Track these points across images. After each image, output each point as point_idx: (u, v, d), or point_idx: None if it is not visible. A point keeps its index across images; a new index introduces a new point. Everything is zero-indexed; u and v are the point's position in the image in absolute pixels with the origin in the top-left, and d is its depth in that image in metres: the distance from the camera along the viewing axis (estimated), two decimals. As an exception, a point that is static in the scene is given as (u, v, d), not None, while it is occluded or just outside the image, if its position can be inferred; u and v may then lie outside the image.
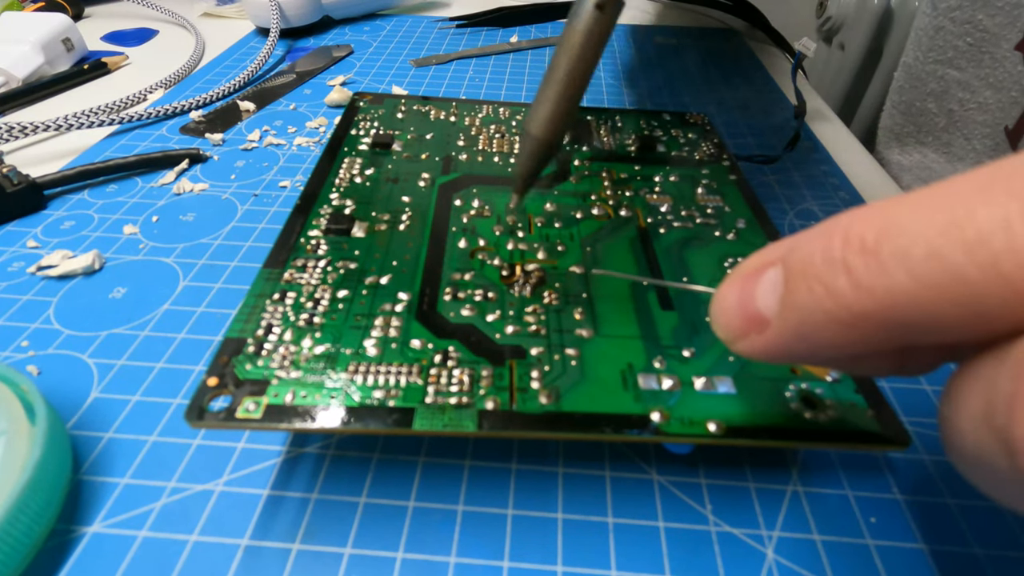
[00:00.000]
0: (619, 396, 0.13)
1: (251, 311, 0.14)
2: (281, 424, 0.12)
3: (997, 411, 0.07)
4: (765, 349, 0.09)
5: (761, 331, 0.09)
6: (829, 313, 0.08)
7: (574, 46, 0.14)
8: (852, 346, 0.08)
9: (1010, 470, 0.07)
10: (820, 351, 0.09)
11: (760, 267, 0.09)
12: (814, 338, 0.08)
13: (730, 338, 0.10)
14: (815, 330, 0.08)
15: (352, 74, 0.34)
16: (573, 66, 0.14)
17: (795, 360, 0.10)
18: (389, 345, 0.14)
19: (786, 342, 0.09)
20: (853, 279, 0.08)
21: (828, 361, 0.09)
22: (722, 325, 0.10)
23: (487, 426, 0.12)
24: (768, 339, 0.09)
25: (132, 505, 0.14)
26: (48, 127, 0.27)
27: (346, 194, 0.19)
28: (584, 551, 0.13)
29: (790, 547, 0.13)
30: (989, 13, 0.30)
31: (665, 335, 0.15)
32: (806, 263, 0.08)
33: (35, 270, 0.20)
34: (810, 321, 0.08)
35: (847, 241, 0.08)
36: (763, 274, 0.09)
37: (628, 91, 0.33)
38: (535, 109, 0.15)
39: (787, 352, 0.09)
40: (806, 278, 0.08)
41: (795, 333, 0.09)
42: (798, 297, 0.08)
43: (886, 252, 0.07)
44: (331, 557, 0.13)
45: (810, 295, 0.08)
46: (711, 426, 0.13)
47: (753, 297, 0.09)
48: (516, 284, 0.16)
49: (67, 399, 0.16)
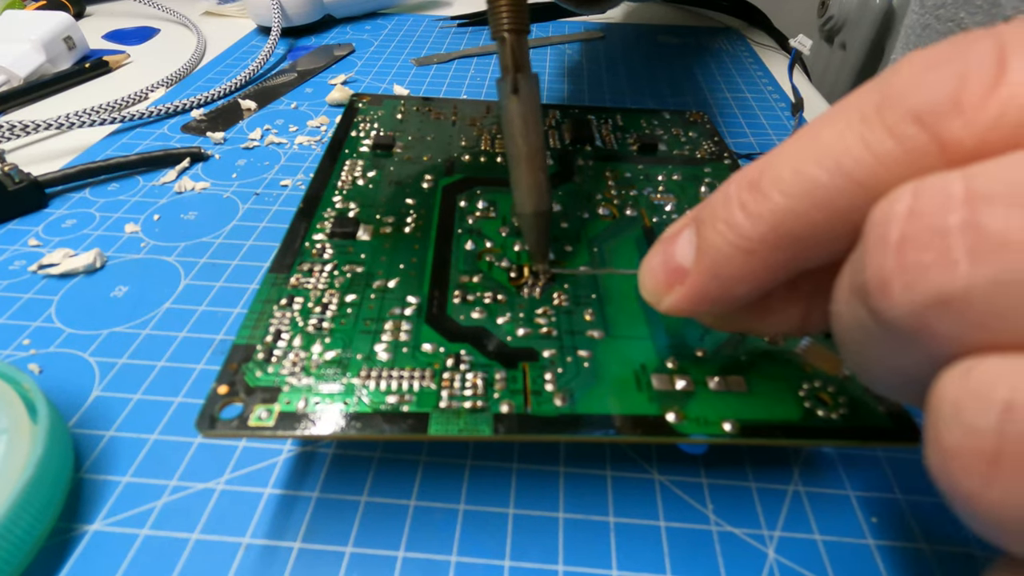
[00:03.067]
0: (633, 397, 0.13)
1: (259, 317, 0.14)
2: (295, 432, 0.12)
3: (855, 275, 0.08)
4: (687, 296, 0.11)
5: (682, 281, 0.11)
6: (732, 244, 0.10)
7: (519, 128, 0.16)
8: (757, 275, 0.10)
9: (873, 321, 0.08)
10: (733, 287, 0.10)
11: (677, 231, 0.11)
12: (725, 273, 0.10)
13: (656, 295, 0.11)
14: (724, 264, 0.10)
15: (353, 73, 0.34)
16: (529, 144, 0.16)
17: (714, 304, 0.11)
18: (400, 349, 0.14)
19: (703, 283, 0.10)
20: (746, 210, 0.09)
21: (744, 304, 0.11)
22: (649, 286, 0.12)
23: (503, 430, 0.12)
24: (688, 286, 0.11)
25: (133, 503, 0.14)
26: (50, 125, 0.27)
27: (349, 197, 0.19)
28: (585, 550, 0.13)
29: (791, 547, 0.13)
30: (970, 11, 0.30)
31: (676, 335, 0.15)
32: (710, 211, 0.10)
33: (36, 268, 0.20)
34: (719, 257, 0.10)
35: (739, 185, 0.10)
36: (681, 234, 0.11)
37: (629, 90, 0.33)
38: (518, 192, 0.16)
39: (705, 295, 0.10)
40: (712, 221, 0.10)
41: (709, 272, 0.10)
42: (707, 239, 0.10)
43: (765, 182, 0.09)
44: (332, 556, 0.13)
45: (716, 234, 0.10)
46: (726, 426, 0.13)
47: (673, 255, 0.11)
48: (525, 286, 0.16)
49: (68, 397, 0.16)
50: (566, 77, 0.34)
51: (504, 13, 0.16)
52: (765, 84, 0.35)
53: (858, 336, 0.09)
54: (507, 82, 0.16)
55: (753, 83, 0.35)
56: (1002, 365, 0.07)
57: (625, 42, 0.39)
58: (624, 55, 0.37)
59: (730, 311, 0.11)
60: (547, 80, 0.34)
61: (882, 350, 0.08)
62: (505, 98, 0.16)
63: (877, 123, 0.08)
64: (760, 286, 0.10)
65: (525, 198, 0.16)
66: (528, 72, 0.16)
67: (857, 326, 0.08)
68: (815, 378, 0.14)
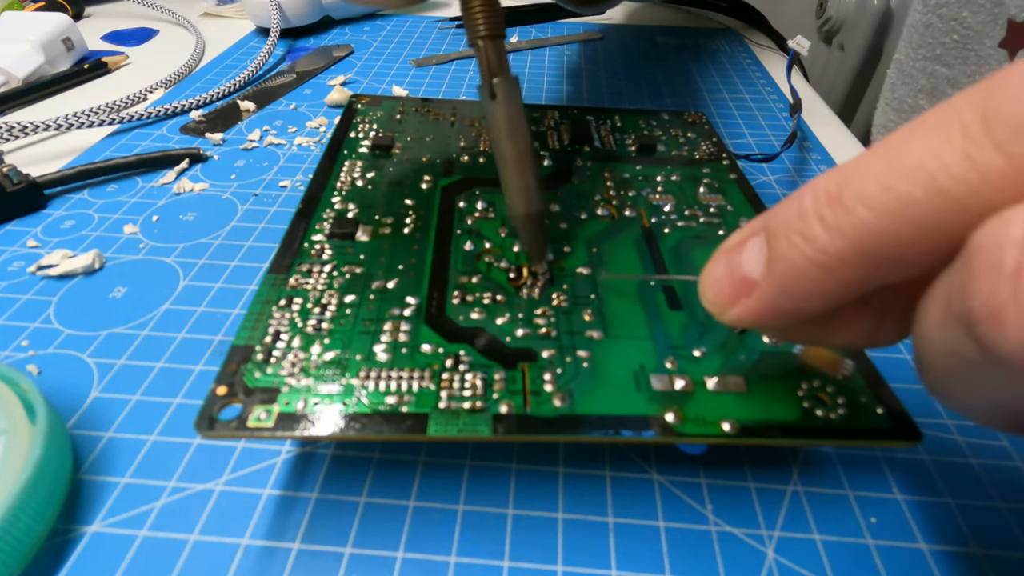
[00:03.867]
0: (632, 397, 0.13)
1: (258, 318, 0.14)
2: (294, 432, 0.12)
3: (955, 300, 0.08)
4: (755, 309, 0.10)
5: (749, 294, 0.10)
6: (809, 258, 0.09)
7: (504, 132, 0.16)
8: (831, 291, 0.09)
9: (976, 351, 0.08)
10: (804, 302, 0.10)
11: (743, 239, 0.11)
12: (798, 288, 0.09)
13: (721, 307, 0.11)
14: (798, 279, 0.09)
15: (352, 74, 0.34)
16: (515, 146, 0.16)
17: (783, 318, 0.10)
18: (399, 350, 0.14)
19: (773, 298, 0.10)
20: (825, 224, 0.09)
21: (812, 317, 0.10)
22: (712, 297, 0.11)
23: (502, 430, 0.12)
24: (756, 299, 0.10)
25: (132, 504, 0.14)
26: (48, 127, 0.27)
27: (348, 197, 0.19)
28: (584, 551, 0.13)
29: (790, 547, 0.13)
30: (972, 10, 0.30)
31: (675, 335, 0.15)
32: (784, 222, 0.10)
33: (35, 269, 0.20)
34: (793, 272, 0.09)
35: (815, 197, 0.09)
36: (747, 244, 0.10)
37: (628, 91, 0.33)
38: (510, 195, 0.16)
39: (774, 309, 0.10)
40: (786, 234, 0.09)
41: (780, 287, 0.10)
42: (780, 252, 0.10)
43: (848, 196, 0.09)
44: (331, 556, 0.13)
45: (791, 247, 0.09)
46: (725, 426, 0.13)
47: (740, 264, 0.10)
48: (524, 286, 0.16)
49: (67, 398, 0.16)
50: (565, 78, 0.34)
51: (479, 19, 0.16)
52: (763, 85, 0.35)
53: (953, 363, 0.08)
54: (486, 88, 0.16)
55: (751, 84, 0.35)
56: None
57: (624, 43, 0.39)
58: (623, 56, 0.37)
59: (797, 325, 0.11)
60: (546, 81, 0.34)
61: (981, 379, 0.08)
62: (486, 104, 0.16)
63: (983, 138, 0.07)
64: (833, 303, 0.09)
65: (516, 201, 0.16)
66: (507, 76, 0.16)
67: (954, 353, 0.08)
68: (814, 378, 0.14)
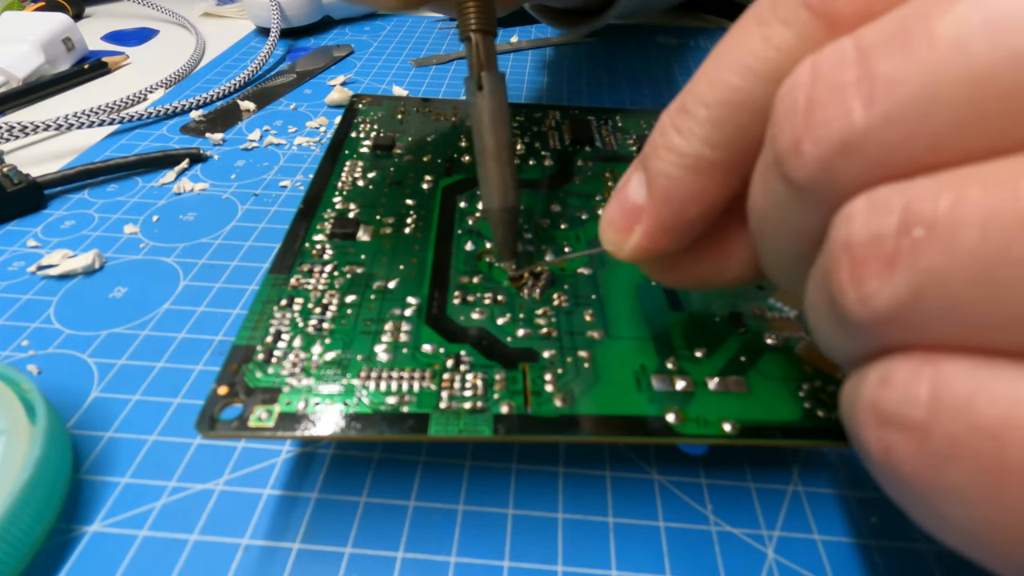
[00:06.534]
0: (633, 398, 0.13)
1: (259, 318, 0.14)
2: (295, 432, 0.12)
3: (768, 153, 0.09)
4: (646, 232, 0.11)
5: (640, 219, 0.11)
6: (676, 164, 0.10)
7: (486, 125, 0.16)
8: (704, 192, 0.10)
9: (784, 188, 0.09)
10: (685, 209, 0.11)
11: (626, 178, 0.12)
12: (676, 195, 0.10)
13: (618, 243, 0.12)
14: (674, 187, 0.10)
15: (352, 74, 0.34)
16: (496, 139, 0.16)
17: (671, 235, 0.11)
18: (400, 350, 0.14)
19: (659, 213, 0.11)
20: (679, 130, 0.10)
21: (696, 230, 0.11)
22: (610, 236, 0.12)
23: (503, 430, 0.12)
24: (645, 221, 0.11)
25: (132, 504, 0.14)
26: (48, 127, 0.27)
27: (349, 197, 0.19)
28: (584, 551, 0.13)
29: (791, 547, 0.13)
30: None
31: (676, 336, 0.15)
32: (651, 145, 0.11)
33: (35, 269, 0.20)
34: (668, 181, 0.10)
35: (669, 113, 0.11)
36: (630, 179, 0.12)
37: (629, 91, 0.33)
38: (486, 187, 0.16)
39: (661, 226, 0.11)
40: (654, 151, 0.11)
41: (662, 199, 0.11)
42: (653, 168, 0.11)
43: (689, 102, 0.10)
44: (332, 556, 0.13)
45: (660, 161, 0.10)
46: (726, 426, 0.13)
47: (627, 197, 0.11)
48: (525, 287, 0.16)
49: (67, 398, 0.16)
50: (566, 78, 0.34)
51: (471, 15, 0.17)
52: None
53: (770, 211, 0.09)
54: (473, 80, 0.16)
55: (752, 84, 0.35)
56: (895, 188, 0.07)
57: (624, 43, 0.39)
58: (624, 56, 0.37)
59: (686, 246, 0.11)
60: (545, 81, 0.34)
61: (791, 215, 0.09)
62: (472, 95, 0.16)
63: (772, 19, 0.09)
64: (711, 204, 0.11)
65: (492, 194, 0.16)
66: (494, 71, 0.17)
67: (771, 200, 0.09)
68: (815, 378, 0.14)
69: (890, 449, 0.08)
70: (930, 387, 0.07)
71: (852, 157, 0.08)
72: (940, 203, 0.07)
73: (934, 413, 0.07)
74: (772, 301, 0.16)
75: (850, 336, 0.08)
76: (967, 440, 0.07)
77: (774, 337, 0.15)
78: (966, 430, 0.07)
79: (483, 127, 0.16)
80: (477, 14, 0.17)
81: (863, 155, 0.08)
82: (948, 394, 0.07)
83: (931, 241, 0.07)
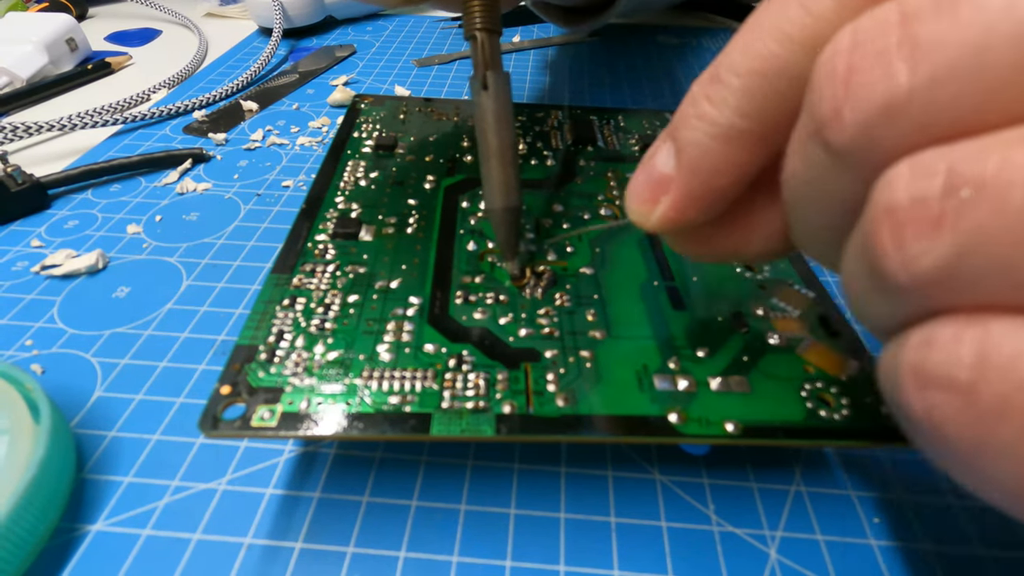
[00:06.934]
0: (636, 397, 0.13)
1: (261, 317, 0.14)
2: (297, 432, 0.12)
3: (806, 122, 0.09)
4: (674, 202, 0.11)
5: (667, 189, 0.11)
6: (707, 133, 0.10)
7: (490, 124, 0.16)
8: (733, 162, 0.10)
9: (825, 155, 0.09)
10: (714, 179, 0.10)
11: (654, 149, 0.11)
12: (705, 165, 0.10)
13: (644, 213, 0.11)
14: (703, 156, 0.10)
15: (355, 74, 0.34)
16: (500, 139, 0.16)
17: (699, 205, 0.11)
18: (402, 350, 0.14)
19: (687, 184, 0.11)
20: (711, 100, 0.10)
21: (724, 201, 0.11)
22: (636, 207, 0.12)
23: (505, 430, 0.12)
24: (673, 191, 0.11)
25: (135, 504, 0.14)
26: (52, 127, 0.27)
27: (351, 197, 0.19)
28: (586, 551, 0.13)
29: (793, 547, 0.13)
30: None
31: (678, 335, 0.15)
32: (681, 115, 0.11)
33: (39, 269, 0.20)
34: (697, 151, 0.10)
35: (700, 83, 0.10)
36: (658, 150, 0.11)
37: (630, 91, 0.33)
38: (489, 187, 0.16)
39: (690, 195, 0.11)
40: (684, 121, 0.10)
41: (690, 169, 0.10)
42: (682, 138, 0.10)
43: (722, 71, 0.10)
44: (334, 556, 0.13)
45: (690, 130, 0.10)
46: (728, 426, 0.13)
47: (655, 167, 0.11)
48: (527, 286, 0.16)
49: (71, 398, 0.16)
50: (568, 78, 0.34)
51: (476, 13, 0.17)
52: (766, 85, 0.34)
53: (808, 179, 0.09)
54: (478, 79, 0.16)
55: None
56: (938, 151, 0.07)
57: (626, 43, 0.39)
58: (625, 56, 0.37)
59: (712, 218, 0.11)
60: (547, 81, 0.34)
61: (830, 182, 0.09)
62: (477, 95, 0.16)
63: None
64: (740, 174, 0.10)
65: (495, 194, 0.16)
66: (500, 70, 0.17)
67: (809, 168, 0.09)
68: (818, 378, 0.14)
69: (934, 410, 0.08)
70: (977, 347, 0.07)
71: (895, 121, 0.08)
72: (988, 164, 0.07)
73: (982, 373, 0.07)
74: (774, 301, 0.16)
75: (891, 302, 0.08)
76: (1016, 398, 0.07)
77: (776, 337, 0.15)
78: (1015, 389, 0.07)
79: (487, 127, 0.16)
80: (482, 13, 0.17)
81: (906, 119, 0.07)
82: (996, 353, 0.07)
83: (979, 201, 0.07)
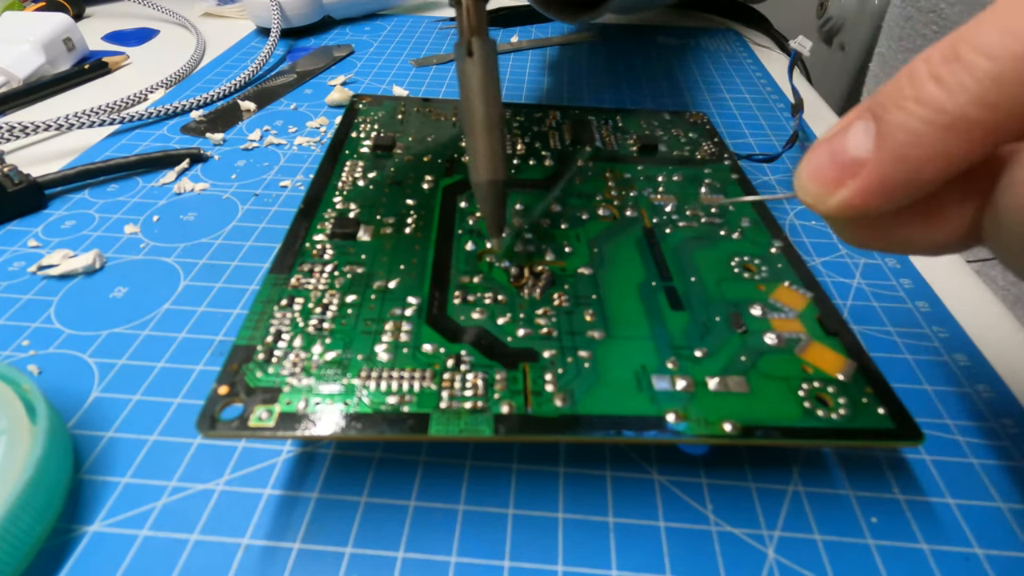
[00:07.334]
0: (634, 397, 0.13)
1: (259, 318, 0.14)
2: (295, 432, 0.12)
3: None
4: (863, 188, 0.10)
5: (856, 174, 0.10)
6: (927, 120, 0.09)
7: (476, 93, 0.15)
8: (953, 153, 0.09)
9: None
10: (922, 170, 0.09)
11: (845, 125, 0.10)
12: (916, 154, 0.09)
13: (822, 195, 0.10)
14: (915, 145, 0.09)
15: (353, 74, 0.34)
16: (487, 108, 0.15)
17: (893, 194, 0.10)
18: (401, 350, 0.14)
19: (886, 170, 0.09)
20: (942, 83, 0.08)
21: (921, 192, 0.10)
22: (812, 188, 0.10)
23: (503, 430, 0.12)
24: (865, 176, 0.10)
25: (133, 504, 0.14)
26: (49, 127, 0.27)
27: (349, 197, 0.19)
28: (585, 551, 0.13)
29: (791, 547, 0.13)
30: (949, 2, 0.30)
31: (676, 335, 0.15)
32: (894, 93, 0.09)
33: (36, 269, 0.20)
34: (909, 138, 0.09)
35: (927, 61, 0.09)
36: (850, 127, 0.10)
37: (629, 91, 0.33)
38: (476, 159, 0.16)
39: (885, 184, 0.09)
40: (898, 102, 0.09)
41: (894, 156, 0.09)
42: (893, 121, 0.09)
43: (966, 51, 0.08)
44: (332, 556, 0.13)
45: (904, 114, 0.09)
46: (726, 426, 0.13)
47: (844, 147, 0.10)
48: (525, 286, 0.16)
49: (68, 398, 0.16)
50: (566, 78, 0.34)
51: None
52: (764, 85, 0.35)
53: None
54: (463, 46, 0.16)
55: (752, 84, 0.35)
56: None
57: (624, 43, 0.39)
58: (624, 56, 0.37)
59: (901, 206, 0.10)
60: (546, 81, 0.34)
61: None
62: (461, 61, 0.16)
63: None
64: (952, 168, 0.09)
65: (481, 166, 0.16)
66: (485, 36, 0.16)
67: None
68: (815, 378, 0.14)
69: None
70: None
71: None
72: None
73: None
74: (772, 301, 0.16)
75: None
76: None
77: (774, 337, 0.15)
78: None
79: (473, 95, 0.16)
80: None
81: None
82: None
83: None
